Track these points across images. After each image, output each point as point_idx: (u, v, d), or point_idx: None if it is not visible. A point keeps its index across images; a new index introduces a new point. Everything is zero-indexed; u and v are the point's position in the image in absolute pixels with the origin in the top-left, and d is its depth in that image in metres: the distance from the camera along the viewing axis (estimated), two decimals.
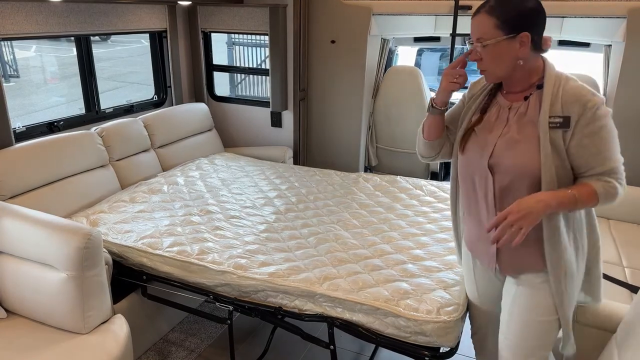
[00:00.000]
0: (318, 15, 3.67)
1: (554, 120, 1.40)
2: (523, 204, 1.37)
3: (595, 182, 1.41)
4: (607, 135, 1.39)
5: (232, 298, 2.17)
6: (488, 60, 1.45)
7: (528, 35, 1.38)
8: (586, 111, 1.37)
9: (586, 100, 1.37)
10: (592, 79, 3.27)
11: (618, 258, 2.49)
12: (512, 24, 1.38)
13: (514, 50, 1.41)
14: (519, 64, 1.43)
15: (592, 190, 1.40)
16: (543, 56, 1.49)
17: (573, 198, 1.39)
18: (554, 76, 1.43)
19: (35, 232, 1.98)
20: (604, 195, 1.41)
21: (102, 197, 2.88)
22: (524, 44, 1.39)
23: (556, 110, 1.40)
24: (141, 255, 2.34)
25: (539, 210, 1.36)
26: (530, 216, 1.36)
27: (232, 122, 4.06)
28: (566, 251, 1.50)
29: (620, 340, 1.65)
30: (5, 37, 2.56)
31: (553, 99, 1.40)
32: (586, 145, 1.39)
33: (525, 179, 1.45)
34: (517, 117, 1.49)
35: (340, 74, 3.75)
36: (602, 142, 1.39)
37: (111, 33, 3.28)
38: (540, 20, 1.42)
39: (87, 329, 1.97)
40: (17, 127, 2.76)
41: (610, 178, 1.41)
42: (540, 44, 1.44)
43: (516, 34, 1.39)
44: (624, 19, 2.92)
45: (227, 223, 2.61)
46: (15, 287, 2.05)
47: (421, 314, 1.82)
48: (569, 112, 1.38)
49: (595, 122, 1.37)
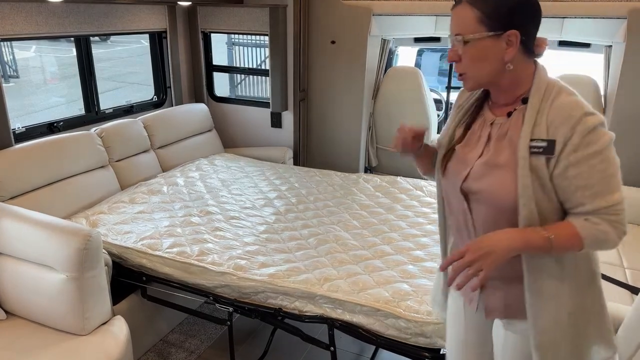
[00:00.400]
0: (318, 15, 3.67)
1: (537, 144, 1.14)
2: (484, 242, 1.15)
3: (582, 222, 1.14)
4: (601, 165, 1.11)
5: (232, 299, 2.16)
6: (468, 61, 1.20)
7: (517, 34, 1.14)
8: (575, 134, 1.10)
9: (576, 120, 1.10)
10: (592, 79, 3.27)
11: (619, 259, 2.49)
12: (498, 19, 1.14)
13: (499, 50, 1.16)
14: (504, 69, 1.18)
15: (575, 233, 1.14)
16: (537, 62, 1.23)
17: (547, 241, 1.13)
18: (543, 88, 1.17)
19: (35, 233, 1.98)
20: (590, 239, 1.14)
21: (101, 197, 2.87)
22: (512, 44, 1.15)
23: (540, 132, 1.14)
24: (141, 256, 2.33)
25: (501, 250, 1.13)
26: (491, 256, 1.12)
27: (232, 123, 4.05)
28: (555, 305, 1.22)
29: (621, 341, 1.65)
30: (5, 38, 2.56)
31: (538, 118, 1.15)
32: (572, 176, 1.12)
33: (503, 212, 1.20)
34: (497, 136, 1.24)
35: (340, 74, 3.74)
36: (592, 173, 1.11)
37: (111, 33, 3.27)
38: (533, 18, 1.18)
39: (87, 330, 1.97)
40: (17, 128, 2.75)
41: (600, 219, 1.13)
42: (533, 47, 1.20)
43: (503, 32, 1.14)
44: (624, 20, 2.92)
45: (227, 224, 2.61)
46: (15, 288, 2.04)
47: (422, 315, 1.82)
48: (555, 134, 1.12)
49: (586, 148, 1.10)
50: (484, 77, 1.21)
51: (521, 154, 1.15)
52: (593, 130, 1.10)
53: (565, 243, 1.15)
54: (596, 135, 1.10)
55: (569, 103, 1.14)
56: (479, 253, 1.13)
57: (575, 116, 1.11)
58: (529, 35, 1.17)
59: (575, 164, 1.11)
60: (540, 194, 1.16)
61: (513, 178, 1.16)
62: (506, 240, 1.15)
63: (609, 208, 1.12)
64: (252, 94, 5.80)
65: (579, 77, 3.30)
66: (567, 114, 1.12)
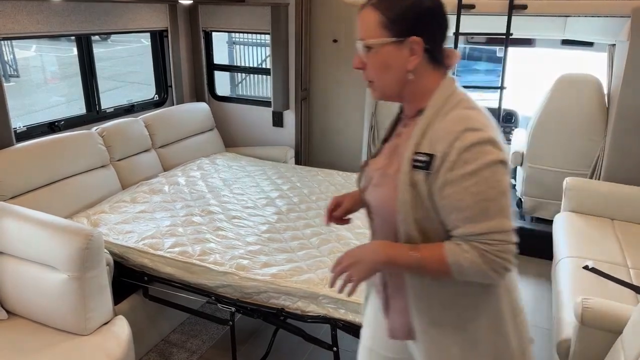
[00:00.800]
0: (320, 14, 3.66)
1: (419, 158, 1.07)
2: (355, 251, 1.15)
3: (453, 247, 1.05)
4: (476, 187, 1.01)
5: (234, 299, 2.15)
6: (372, 69, 1.14)
7: (419, 42, 1.07)
8: (453, 150, 1.01)
9: (455, 136, 1.02)
10: (596, 78, 3.26)
11: (623, 259, 2.47)
12: (401, 24, 1.07)
13: (402, 59, 1.09)
14: (408, 80, 1.11)
15: (443, 257, 1.06)
16: (450, 76, 1.15)
17: (415, 260, 1.07)
18: (441, 101, 1.09)
19: (36, 232, 1.97)
20: (457, 267, 1.05)
21: (103, 197, 2.86)
22: (415, 52, 1.08)
23: (425, 145, 1.07)
24: (142, 256, 2.32)
25: (366, 262, 1.12)
26: (359, 266, 1.12)
27: (233, 122, 4.04)
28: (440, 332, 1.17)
29: (626, 342, 1.64)
30: (5, 37, 2.55)
31: (428, 131, 1.08)
32: (447, 196, 1.04)
33: (390, 224, 1.15)
34: (394, 148, 1.19)
35: (342, 73, 3.73)
36: (465, 195, 1.02)
37: (112, 32, 3.27)
38: (438, 25, 1.11)
39: (88, 330, 1.96)
40: (18, 127, 2.75)
41: (470, 246, 1.03)
42: (441, 57, 1.13)
43: (405, 38, 1.07)
44: (628, 18, 2.90)
45: (229, 223, 2.60)
46: (16, 288, 2.04)
47: None
48: (435, 149, 1.04)
49: (463, 167, 1.01)
50: (388, 86, 1.14)
51: (403, 167, 1.09)
52: (471, 147, 1.00)
53: (436, 266, 1.07)
54: (475, 154, 1.00)
55: (456, 117, 1.06)
56: (349, 261, 1.13)
57: (455, 131, 1.02)
58: (435, 44, 1.10)
59: (451, 183, 1.03)
60: (421, 212, 1.08)
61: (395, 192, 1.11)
62: (371, 254, 1.13)
63: (481, 236, 1.02)
64: (253, 93, 5.79)
65: (583, 75, 3.29)
66: (449, 128, 1.04)
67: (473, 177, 1.01)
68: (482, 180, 1.01)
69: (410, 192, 1.08)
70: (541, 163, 3.47)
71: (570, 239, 2.66)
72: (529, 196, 3.59)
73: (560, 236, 2.73)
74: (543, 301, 2.97)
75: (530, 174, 3.54)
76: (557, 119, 3.33)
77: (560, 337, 1.94)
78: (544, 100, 3.39)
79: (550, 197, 3.47)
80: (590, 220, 2.86)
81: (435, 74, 1.13)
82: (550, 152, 3.42)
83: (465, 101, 1.10)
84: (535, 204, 3.58)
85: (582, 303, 1.81)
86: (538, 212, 3.59)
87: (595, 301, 1.81)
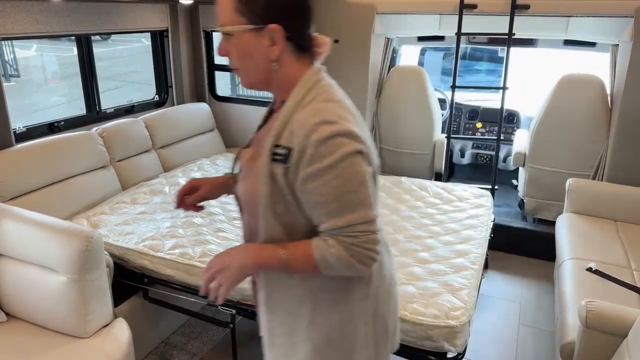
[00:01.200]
0: (321, 14, 3.64)
1: (278, 151, 1.03)
2: (222, 257, 1.12)
3: (319, 242, 1.04)
4: (336, 181, 0.99)
5: (234, 301, 2.14)
6: (234, 57, 1.09)
7: (279, 29, 1.02)
8: (309, 144, 0.98)
9: (310, 128, 0.99)
10: (599, 78, 3.24)
11: (626, 261, 2.46)
12: (256, 11, 1.02)
13: (263, 47, 1.04)
14: (273, 69, 1.07)
15: (309, 254, 1.04)
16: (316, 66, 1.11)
17: (284, 260, 1.06)
18: (302, 92, 1.06)
19: (36, 234, 1.95)
20: (324, 263, 1.04)
21: (103, 198, 2.85)
22: (275, 41, 1.04)
23: (284, 138, 1.03)
24: (142, 257, 2.31)
25: (235, 268, 1.09)
26: (226, 272, 1.09)
27: (234, 122, 4.03)
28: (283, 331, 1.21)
29: (631, 345, 1.62)
30: (6, 37, 2.54)
31: (287, 122, 1.04)
32: (309, 191, 1.01)
33: (255, 219, 1.11)
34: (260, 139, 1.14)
35: (343, 73, 3.68)
36: (327, 189, 1.00)
37: (112, 32, 3.25)
38: (297, 12, 1.06)
39: (88, 332, 1.94)
40: (18, 128, 2.73)
41: (335, 241, 1.02)
42: (308, 46, 1.09)
43: (263, 25, 1.02)
44: (631, 18, 2.88)
45: (230, 225, 2.58)
46: (15, 290, 2.02)
47: (428, 318, 1.79)
48: (292, 142, 1.01)
49: (321, 160, 0.98)
50: (253, 75, 1.11)
51: (263, 159, 1.05)
52: (326, 140, 0.98)
53: (303, 264, 1.06)
54: (330, 147, 0.98)
55: (314, 109, 1.02)
56: (216, 268, 1.10)
57: (311, 124, 0.99)
58: (298, 32, 1.06)
59: (311, 177, 1.00)
60: (281, 207, 1.05)
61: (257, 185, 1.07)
62: (239, 259, 1.10)
63: (345, 229, 1.01)
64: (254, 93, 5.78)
65: (586, 76, 3.27)
66: (305, 121, 1.01)
67: (332, 171, 0.99)
68: (341, 172, 0.99)
69: (269, 185, 1.04)
70: (543, 164, 3.45)
71: (572, 241, 2.64)
72: (531, 197, 3.57)
73: (563, 238, 2.72)
74: (545, 303, 2.95)
75: (532, 174, 3.52)
76: (560, 120, 3.31)
77: (564, 340, 1.93)
78: (546, 101, 3.38)
79: (552, 198, 3.45)
80: (593, 222, 2.85)
81: (300, 63, 1.09)
82: (553, 153, 3.40)
83: (327, 92, 1.07)
84: (538, 205, 3.56)
85: (586, 306, 1.79)
86: (540, 213, 3.57)
87: (599, 304, 1.80)
